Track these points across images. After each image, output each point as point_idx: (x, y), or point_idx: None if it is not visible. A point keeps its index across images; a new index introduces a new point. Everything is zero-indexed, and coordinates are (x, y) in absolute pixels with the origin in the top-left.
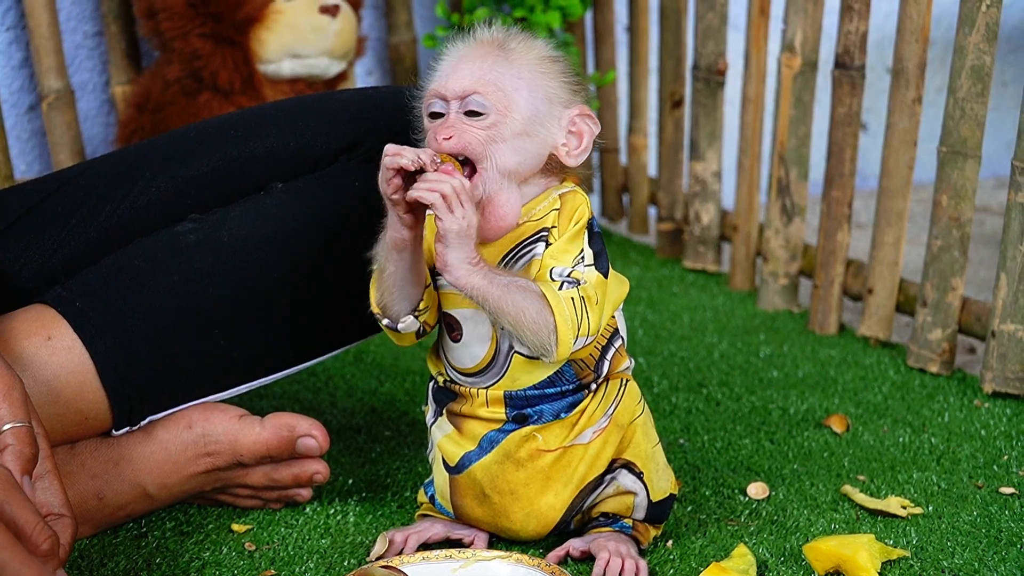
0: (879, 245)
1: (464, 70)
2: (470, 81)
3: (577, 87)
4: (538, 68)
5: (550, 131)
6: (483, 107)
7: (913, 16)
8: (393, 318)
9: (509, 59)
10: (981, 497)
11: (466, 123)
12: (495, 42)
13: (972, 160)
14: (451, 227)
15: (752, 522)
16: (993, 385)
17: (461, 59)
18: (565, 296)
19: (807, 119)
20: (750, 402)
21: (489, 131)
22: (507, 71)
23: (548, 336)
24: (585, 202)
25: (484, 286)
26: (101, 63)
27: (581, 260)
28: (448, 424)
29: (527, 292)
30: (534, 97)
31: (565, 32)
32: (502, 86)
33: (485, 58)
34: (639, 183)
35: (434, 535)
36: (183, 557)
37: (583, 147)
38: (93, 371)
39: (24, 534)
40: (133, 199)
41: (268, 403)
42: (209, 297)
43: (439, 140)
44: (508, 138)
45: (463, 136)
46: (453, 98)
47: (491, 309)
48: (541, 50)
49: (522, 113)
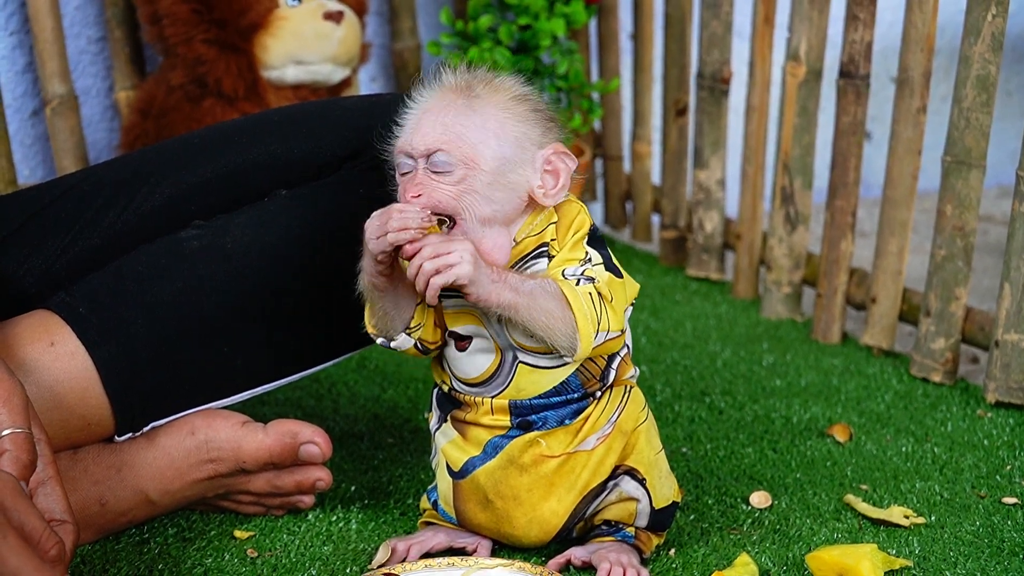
0: (883, 254)
1: (427, 125)
2: (433, 138)
3: (550, 124)
4: (505, 113)
5: (523, 175)
6: (448, 164)
7: (918, 25)
8: (386, 336)
9: (474, 108)
10: (984, 507)
11: (433, 179)
12: (459, 90)
13: (976, 170)
14: (461, 272)
15: (755, 531)
16: (996, 395)
17: (425, 112)
18: (583, 291)
19: (811, 128)
20: (753, 411)
21: (458, 186)
22: (471, 122)
23: (572, 335)
24: (582, 210)
25: (513, 299)
26: (105, 68)
27: (588, 262)
28: (452, 430)
29: (550, 294)
30: (502, 145)
31: (569, 39)
32: (467, 139)
33: (447, 110)
34: (643, 191)
35: (437, 544)
36: (185, 563)
37: (560, 185)
38: (96, 377)
39: (32, 541)
40: (137, 205)
41: (271, 409)
42: (212, 304)
43: (407, 198)
44: (480, 189)
45: (432, 194)
46: (419, 156)
47: (522, 320)
48: (508, 91)
49: (490, 164)
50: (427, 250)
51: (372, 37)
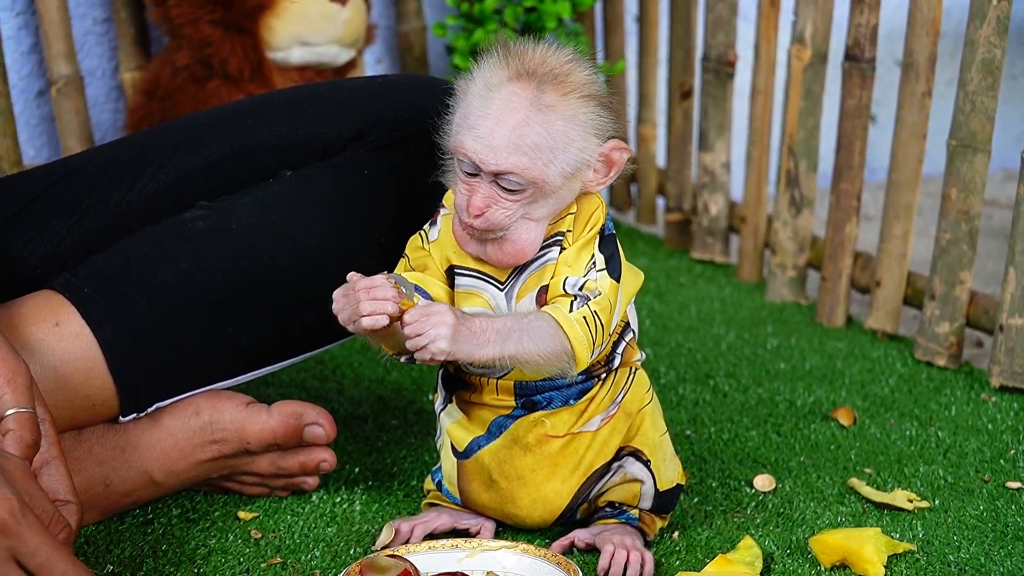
0: (887, 238)
1: (500, 141)
2: (505, 159)
3: (613, 117)
4: (575, 121)
5: (582, 174)
6: (519, 185)
7: (924, 9)
8: (401, 353)
9: (546, 116)
10: (987, 491)
11: (499, 195)
12: (530, 90)
13: (982, 154)
14: (437, 349)
15: (758, 514)
16: (1000, 379)
17: (497, 123)
18: (577, 317)
19: (816, 111)
20: (757, 394)
21: (523, 203)
22: (543, 141)
23: (568, 361)
24: (600, 205)
25: (499, 351)
26: (110, 49)
27: (593, 266)
28: (457, 410)
29: (539, 329)
30: (567, 158)
31: (575, 22)
32: (538, 159)
33: (522, 128)
34: (647, 173)
35: (440, 525)
36: (189, 544)
37: (611, 175)
38: (101, 357)
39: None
40: (142, 186)
41: (275, 391)
42: (217, 284)
43: (471, 214)
44: (540, 199)
45: (493, 216)
46: (487, 172)
47: (512, 363)
48: (577, 88)
49: (558, 180)
50: (408, 330)
51: (377, 18)
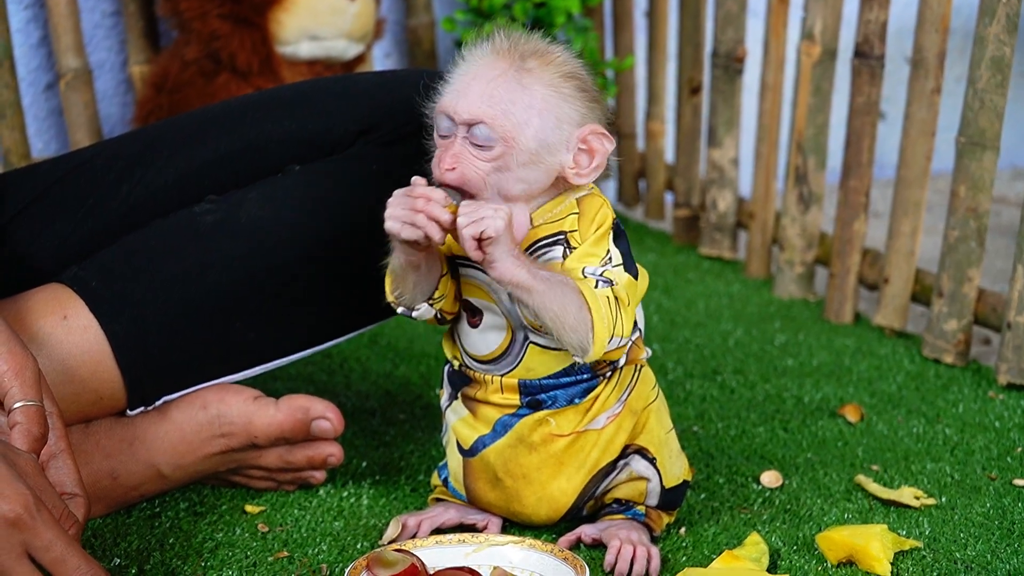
0: (896, 235)
1: (475, 92)
2: (478, 108)
3: (593, 104)
4: (553, 92)
5: (558, 155)
6: (489, 140)
7: (933, 6)
8: (408, 306)
9: (523, 83)
10: (994, 489)
11: (471, 152)
12: (512, 58)
13: (990, 151)
14: (494, 226)
15: (765, 510)
16: (1008, 377)
17: (474, 78)
18: (601, 294)
19: (825, 108)
20: (764, 390)
21: (493, 163)
22: (519, 98)
23: (587, 334)
24: (605, 204)
25: (528, 280)
26: (119, 42)
27: (609, 261)
28: (463, 407)
29: (567, 288)
30: (544, 125)
31: (584, 17)
32: (512, 116)
33: (497, 80)
34: (656, 169)
35: (447, 520)
36: (196, 537)
37: (594, 166)
38: (109, 351)
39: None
40: (150, 180)
41: (283, 384)
42: (225, 279)
43: (442, 169)
44: (513, 168)
45: (466, 171)
46: (460, 122)
47: (534, 304)
48: (559, 67)
49: (529, 144)
50: (462, 219)
51: (386, 13)
